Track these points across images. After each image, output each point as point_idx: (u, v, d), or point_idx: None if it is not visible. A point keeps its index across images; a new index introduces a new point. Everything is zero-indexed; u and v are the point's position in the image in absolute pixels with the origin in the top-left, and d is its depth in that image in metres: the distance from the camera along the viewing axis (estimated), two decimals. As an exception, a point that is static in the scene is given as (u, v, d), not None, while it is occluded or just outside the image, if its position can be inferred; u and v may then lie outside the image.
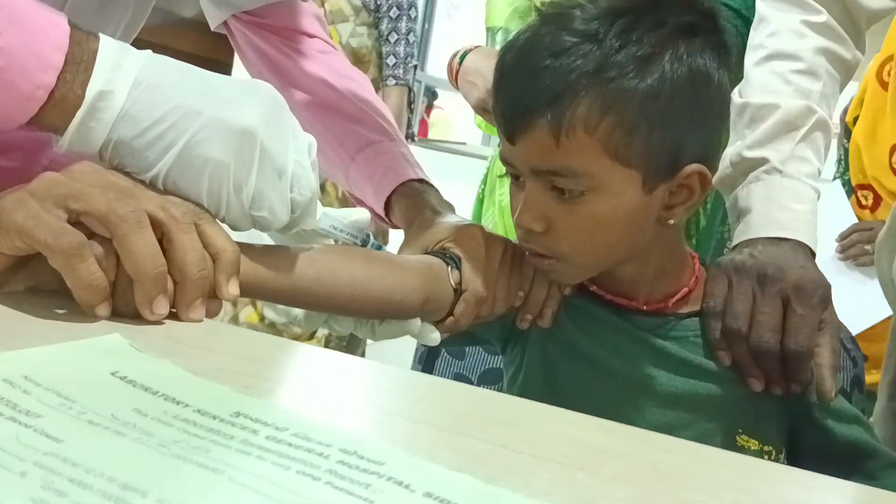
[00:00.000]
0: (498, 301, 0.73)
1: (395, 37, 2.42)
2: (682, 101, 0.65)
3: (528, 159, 0.67)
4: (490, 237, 0.74)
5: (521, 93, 0.66)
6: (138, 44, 0.57)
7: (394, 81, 2.45)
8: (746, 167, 0.83)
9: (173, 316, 0.49)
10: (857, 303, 1.45)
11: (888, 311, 1.49)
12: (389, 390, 0.45)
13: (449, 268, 0.69)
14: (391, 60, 2.46)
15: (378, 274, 0.64)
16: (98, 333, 0.43)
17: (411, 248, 0.74)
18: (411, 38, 2.42)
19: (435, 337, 0.68)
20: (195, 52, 2.63)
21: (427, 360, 0.99)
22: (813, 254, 0.78)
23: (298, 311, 0.63)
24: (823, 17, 0.86)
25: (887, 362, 1.05)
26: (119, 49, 0.51)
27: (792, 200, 0.80)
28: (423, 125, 4.52)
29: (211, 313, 0.51)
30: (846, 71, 0.88)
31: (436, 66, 4.58)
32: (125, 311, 0.48)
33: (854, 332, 0.95)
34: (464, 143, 4.30)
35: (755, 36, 0.90)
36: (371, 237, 0.68)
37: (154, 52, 0.53)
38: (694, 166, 0.67)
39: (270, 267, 0.56)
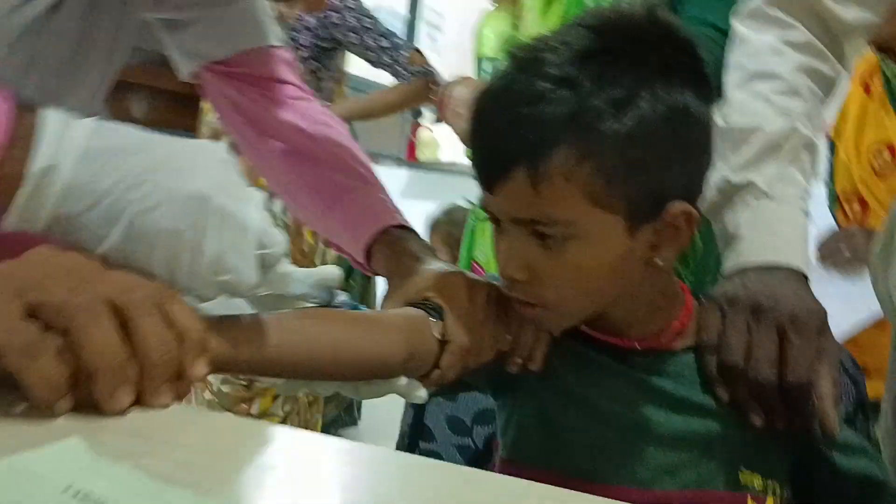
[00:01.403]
0: (485, 349, 0.70)
1: (374, 56, 2.36)
2: (662, 142, 0.63)
3: (507, 209, 0.65)
4: (473, 283, 0.71)
5: (497, 143, 0.64)
6: (122, 86, 0.56)
7: (406, 82, 2.36)
8: (732, 192, 0.81)
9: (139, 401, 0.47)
10: (841, 310, 1.43)
11: (874, 318, 1.48)
12: (371, 478, 0.43)
13: (432, 319, 0.67)
14: (390, 71, 2.41)
15: (357, 335, 0.61)
16: (57, 434, 0.41)
17: (393, 300, 0.71)
18: (384, 42, 2.32)
19: (421, 395, 0.66)
20: (180, 91, 2.61)
21: (419, 406, 0.96)
22: (807, 278, 0.76)
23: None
24: (801, 33, 0.85)
25: (889, 382, 1.02)
26: (63, 121, 0.49)
27: (781, 224, 0.78)
28: (411, 146, 4.50)
29: (180, 395, 0.49)
30: (828, 87, 0.87)
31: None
32: (87, 403, 0.45)
33: (840, 340, 0.93)
34: (454, 164, 4.28)
35: (733, 56, 0.88)
36: (341, 295, 0.66)
37: (139, 92, 0.52)
38: (678, 205, 0.65)
39: (242, 339, 0.54)
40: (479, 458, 0.94)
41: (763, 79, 0.84)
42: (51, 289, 0.45)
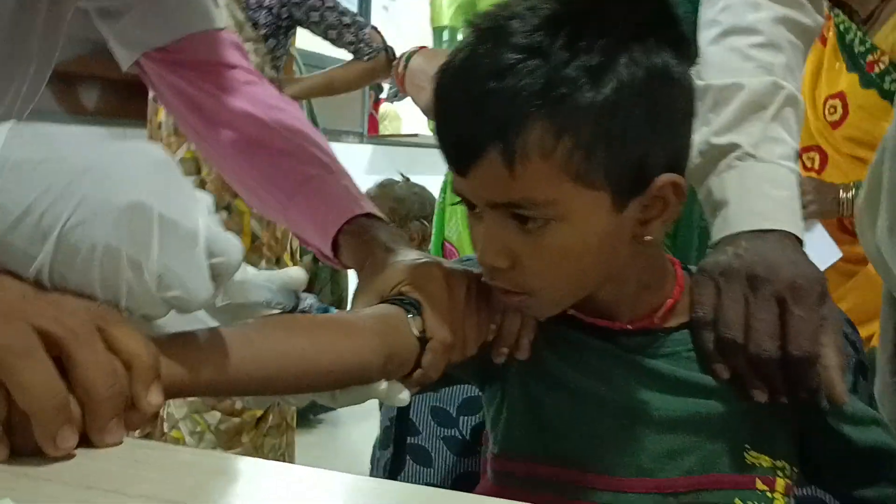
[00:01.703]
0: (469, 342, 0.66)
1: (335, 33, 2.34)
2: (644, 109, 0.58)
3: (482, 193, 0.60)
4: (450, 274, 0.66)
5: (464, 122, 0.59)
6: (72, 77, 0.49)
7: (367, 58, 2.35)
8: (716, 155, 0.76)
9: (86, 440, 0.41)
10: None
11: (830, 261, 1.47)
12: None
13: (409, 316, 0.62)
14: (352, 49, 2.38)
15: (327, 341, 0.56)
16: (-10, 492, 0.35)
17: (366, 295, 0.66)
18: (346, 19, 2.30)
19: (404, 397, 0.61)
20: (132, 81, 2.51)
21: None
22: (800, 242, 0.72)
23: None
24: None
25: (884, 337, 1.00)
26: None
27: (770, 187, 0.73)
28: (373, 121, 4.42)
29: (132, 427, 0.44)
30: (808, 38, 0.82)
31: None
32: (26, 448, 0.40)
33: None
34: (415, 136, 4.21)
35: (707, 11, 0.83)
36: (308, 298, 0.61)
37: (89, 83, 0.46)
38: (665, 177, 0.60)
39: (199, 360, 0.48)
40: (466, 449, 0.90)
41: (740, 33, 0.79)
42: None
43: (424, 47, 1.21)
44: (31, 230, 0.42)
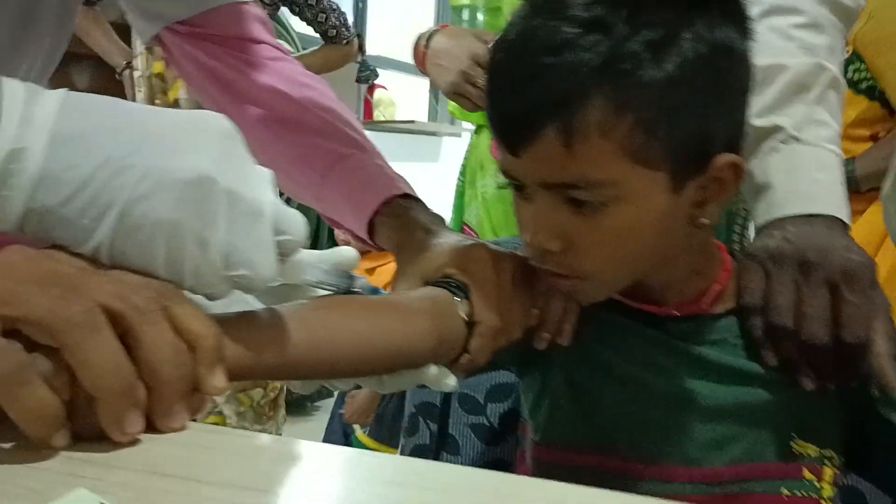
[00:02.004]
0: (514, 327, 0.64)
1: (323, 16, 2.34)
2: (707, 86, 0.56)
3: (536, 173, 0.58)
4: (497, 256, 0.64)
5: (520, 99, 0.57)
6: (77, 58, 0.46)
7: (346, 42, 2.41)
8: (758, 137, 0.75)
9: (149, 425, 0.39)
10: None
11: None
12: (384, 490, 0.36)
13: (457, 299, 0.60)
14: (333, 34, 2.40)
15: (382, 324, 0.54)
16: (57, 478, 0.34)
17: (408, 279, 0.64)
18: (332, 2, 2.35)
19: (451, 383, 0.59)
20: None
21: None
22: (846, 227, 0.70)
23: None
24: None
25: None
26: (27, 93, 0.40)
27: (815, 170, 0.72)
28: (367, 106, 4.38)
29: (195, 411, 0.41)
30: (849, 19, 0.81)
31: (375, 45, 4.43)
32: (88, 432, 0.38)
33: None
34: (412, 122, 4.18)
35: (749, -10, 0.81)
36: (359, 279, 0.59)
37: (82, 62, 0.43)
38: (725, 157, 0.59)
39: (258, 342, 0.46)
40: (495, 437, 0.88)
41: (782, 13, 0.78)
42: (31, 299, 0.37)
43: (446, 25, 1.18)
44: (88, 203, 0.40)
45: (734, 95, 0.60)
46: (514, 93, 0.58)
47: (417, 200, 0.73)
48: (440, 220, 0.71)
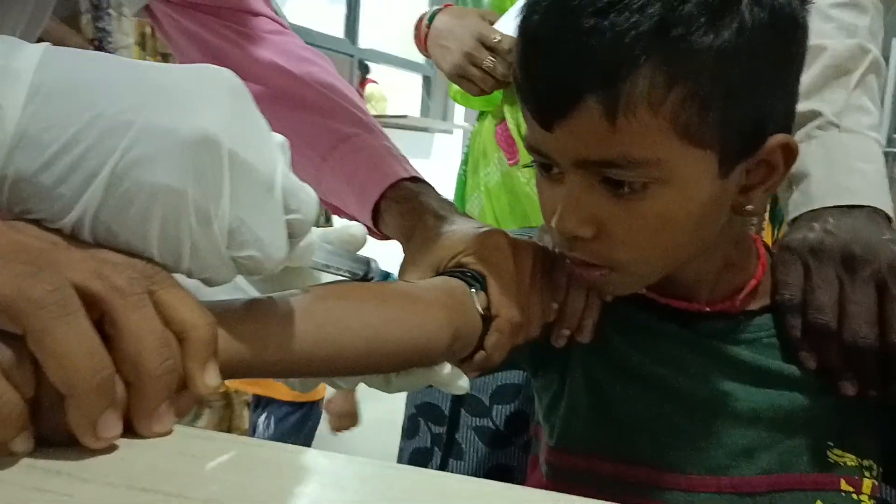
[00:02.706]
0: (532, 322, 0.58)
1: None
2: (766, 57, 0.51)
3: (572, 149, 0.52)
4: (516, 245, 0.59)
5: (559, 66, 0.51)
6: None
7: None
8: (795, 123, 0.69)
9: (128, 428, 0.33)
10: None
11: None
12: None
13: (473, 290, 0.55)
14: None
15: (394, 316, 0.48)
16: (17, 492, 0.28)
17: (418, 267, 0.58)
18: None
19: (463, 384, 0.54)
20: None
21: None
22: (889, 220, 0.65)
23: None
24: None
25: None
26: (2, 45, 0.34)
27: (857, 160, 0.67)
28: (359, 100, 4.31)
29: (181, 412, 0.36)
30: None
31: (368, 38, 4.38)
32: (56, 437, 0.32)
33: None
34: (404, 117, 4.12)
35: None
36: (371, 263, 0.53)
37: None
38: (779, 137, 0.53)
39: (257, 335, 0.40)
40: (500, 440, 0.83)
41: None
42: None
43: (449, 4, 1.13)
44: (68, 170, 0.34)
45: (793, 69, 0.55)
46: (551, 58, 0.51)
47: (427, 184, 0.68)
48: (452, 205, 0.65)
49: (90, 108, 0.34)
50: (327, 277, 0.51)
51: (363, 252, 0.54)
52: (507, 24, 1.05)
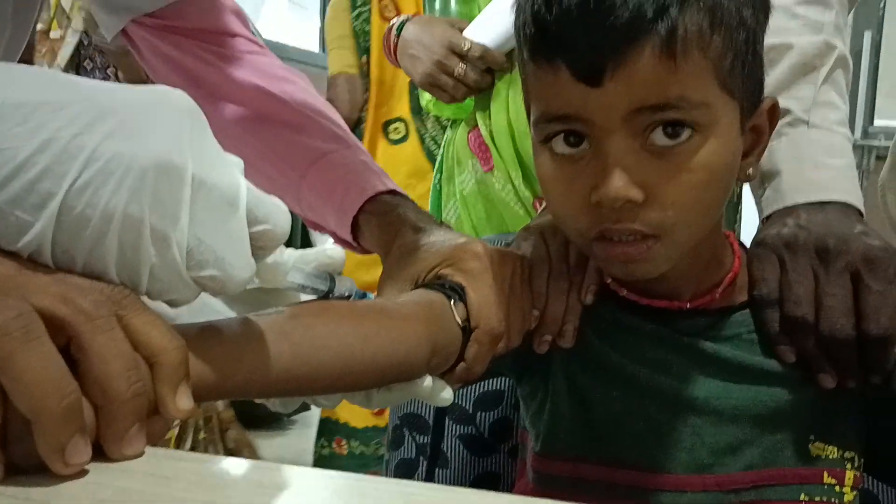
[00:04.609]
0: (513, 331, 0.58)
1: None
2: (764, 20, 0.55)
3: (625, 99, 0.50)
4: (495, 254, 0.59)
5: (612, 13, 0.49)
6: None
7: None
8: None
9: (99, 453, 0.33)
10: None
11: None
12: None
13: (451, 302, 0.55)
14: None
15: (372, 332, 0.48)
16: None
17: (397, 282, 0.58)
18: None
19: (446, 396, 0.53)
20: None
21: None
22: (861, 214, 0.66)
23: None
24: None
25: None
26: None
27: (826, 155, 0.67)
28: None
29: (154, 437, 0.35)
30: (853, -5, 0.77)
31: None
32: (24, 463, 0.32)
33: None
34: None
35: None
36: (346, 281, 0.52)
37: None
38: (769, 100, 0.57)
39: (233, 357, 0.40)
40: (485, 448, 0.82)
41: None
42: None
43: (417, 13, 1.13)
44: (23, 193, 0.33)
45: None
46: (603, 9, 0.49)
47: (405, 197, 0.67)
48: (430, 217, 0.65)
49: (42, 132, 0.33)
50: (305, 298, 0.51)
51: None
52: (476, 32, 1.06)
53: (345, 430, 1.89)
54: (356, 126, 1.83)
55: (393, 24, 1.13)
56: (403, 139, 1.77)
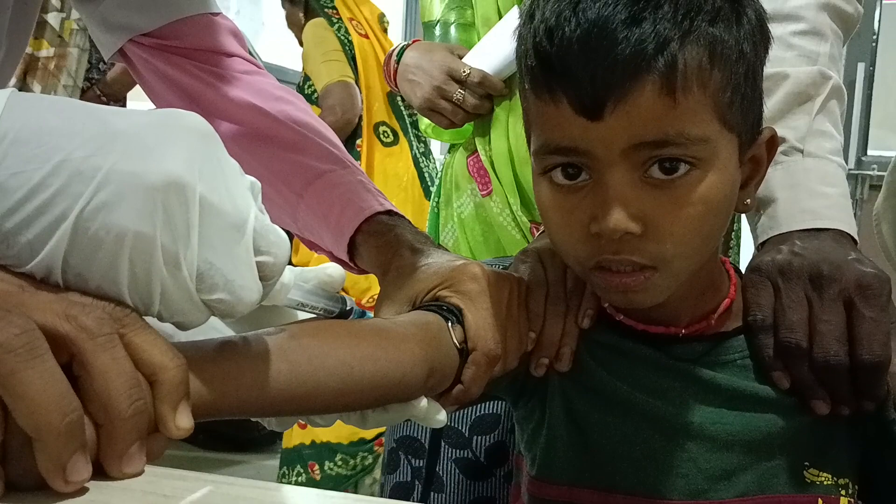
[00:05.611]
0: (510, 353, 0.59)
1: None
2: (763, 52, 0.56)
3: (625, 133, 0.51)
4: (493, 276, 0.59)
5: (613, 47, 0.49)
6: None
7: None
8: None
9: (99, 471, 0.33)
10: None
11: None
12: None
13: (449, 324, 0.55)
14: None
15: (369, 352, 0.48)
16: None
17: (395, 302, 0.58)
18: None
19: (441, 418, 0.53)
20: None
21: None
22: (855, 242, 0.66)
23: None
24: None
25: None
26: None
27: (820, 184, 0.68)
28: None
29: (153, 455, 0.35)
30: (849, 27, 0.78)
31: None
32: (25, 481, 0.32)
33: None
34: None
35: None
36: (347, 302, 0.53)
37: None
38: (768, 130, 0.57)
39: (233, 375, 0.40)
40: (481, 473, 0.82)
41: (781, 20, 0.75)
42: None
43: (418, 40, 1.14)
44: (36, 215, 0.34)
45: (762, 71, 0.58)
46: (604, 43, 0.50)
47: (402, 217, 0.68)
48: (428, 238, 0.66)
49: (55, 155, 0.34)
50: (304, 316, 0.51)
51: None
52: (476, 58, 1.07)
53: (318, 455, 1.93)
54: (356, 128, 2.04)
55: (393, 50, 1.14)
56: (393, 143, 2.01)
